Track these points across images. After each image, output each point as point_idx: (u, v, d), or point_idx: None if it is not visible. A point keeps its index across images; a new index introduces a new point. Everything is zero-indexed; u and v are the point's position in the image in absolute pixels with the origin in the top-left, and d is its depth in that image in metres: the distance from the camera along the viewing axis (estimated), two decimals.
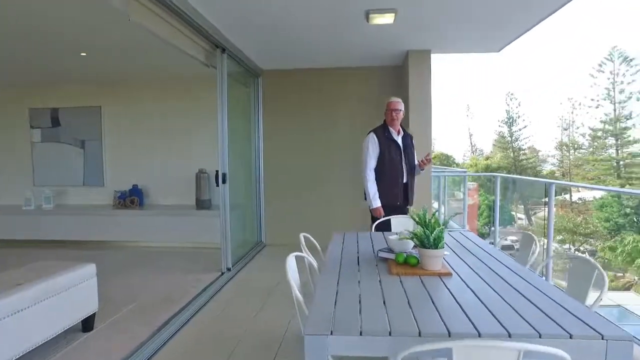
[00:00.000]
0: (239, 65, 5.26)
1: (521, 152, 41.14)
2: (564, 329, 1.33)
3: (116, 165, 6.81)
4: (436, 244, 1.99)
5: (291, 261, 2.06)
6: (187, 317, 3.40)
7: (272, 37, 4.56)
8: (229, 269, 4.74)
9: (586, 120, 36.27)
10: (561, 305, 1.57)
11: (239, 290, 4.26)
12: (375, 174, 3.75)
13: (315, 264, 2.36)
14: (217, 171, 4.64)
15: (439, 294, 1.76)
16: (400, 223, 3.41)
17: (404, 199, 3.81)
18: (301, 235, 2.59)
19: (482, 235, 6.99)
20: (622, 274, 19.10)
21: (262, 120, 6.23)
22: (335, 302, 1.65)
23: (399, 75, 5.83)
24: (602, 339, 1.29)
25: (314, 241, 2.76)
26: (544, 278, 2.10)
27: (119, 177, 6.77)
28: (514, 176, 31.10)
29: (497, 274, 2.04)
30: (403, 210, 3.78)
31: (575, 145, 36.83)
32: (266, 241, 6.34)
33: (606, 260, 19.26)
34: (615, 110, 33.11)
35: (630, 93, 32.79)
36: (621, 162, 32.67)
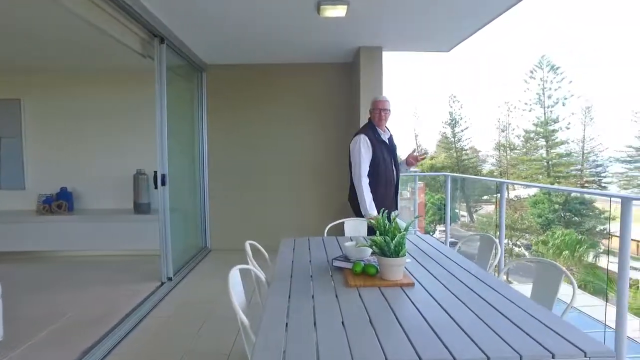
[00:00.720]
0: (180, 57, 4.86)
1: (463, 152, 43.14)
2: (546, 348, 1.19)
3: (40, 165, 6.09)
4: (397, 251, 1.81)
5: (234, 276, 1.79)
6: (118, 337, 3.00)
7: (217, 28, 4.24)
8: (169, 279, 4.35)
9: (520, 123, 38.59)
10: (537, 319, 1.44)
11: (181, 302, 3.90)
12: (369, 180, 3.39)
13: (263, 276, 2.11)
14: (155, 172, 4.23)
15: (404, 309, 1.58)
16: (354, 227, 3.24)
17: (394, 205, 3.52)
18: (247, 244, 2.32)
19: (428, 233, 7.03)
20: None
21: (206, 117, 5.85)
22: (287, 326, 1.41)
23: (350, 73, 5.70)
24: (585, 356, 1.17)
25: (262, 249, 2.50)
26: (504, 279, 2.00)
27: (43, 179, 6.05)
28: (467, 176, 32.36)
29: (461, 282, 1.90)
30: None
31: (511, 146, 39.13)
32: (211, 246, 5.96)
33: (540, 254, 20.53)
34: (545, 114, 35.58)
35: (557, 98, 35.46)
36: (550, 162, 35.22)
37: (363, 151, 3.38)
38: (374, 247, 1.85)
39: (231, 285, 1.69)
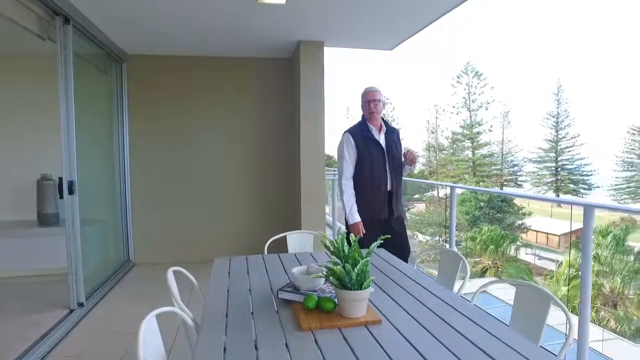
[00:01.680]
0: (93, 44, 4.18)
1: None
2: None
3: None
4: (360, 282, 1.47)
5: (149, 325, 1.35)
6: None
7: (139, 13, 3.65)
8: (80, 304, 3.68)
9: (449, 125, 40.70)
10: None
11: (94, 334, 3.27)
12: (354, 182, 3.06)
13: (190, 320, 1.66)
14: (60, 178, 3.55)
15: (372, 356, 1.24)
16: (298, 241, 2.87)
17: (388, 211, 3.07)
18: (169, 274, 1.85)
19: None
20: (479, 259, 21.65)
21: (127, 115, 5.15)
22: None
23: (289, 69, 5.32)
24: None
25: (189, 277, 2.05)
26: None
27: None
28: (419, 180, 33.31)
29: (434, 312, 1.61)
30: (389, 225, 3.02)
31: (440, 147, 41.13)
32: (135, 259, 5.28)
33: (468, 250, 21.64)
34: (470, 117, 37.85)
35: (481, 103, 37.93)
36: (475, 162, 37.57)
37: (345, 151, 3.05)
38: (331, 278, 1.50)
39: (141, 338, 1.24)
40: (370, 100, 3.08)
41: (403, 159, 3.17)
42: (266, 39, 4.55)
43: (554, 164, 39.52)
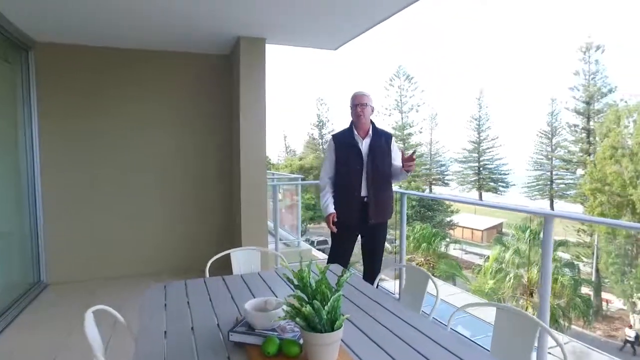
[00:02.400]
0: None
1: None
2: None
3: None
4: (332, 321, 1.23)
5: None
6: None
7: None
8: None
9: (382, 126, 41.78)
10: None
11: None
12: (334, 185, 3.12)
13: None
14: None
15: None
16: (244, 260, 2.55)
17: (360, 218, 3.00)
18: (87, 317, 1.47)
19: (303, 234, 6.66)
20: (413, 256, 22.47)
21: (36, 112, 4.43)
22: None
23: (227, 66, 4.94)
24: None
25: (116, 315, 1.67)
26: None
27: None
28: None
29: (413, 348, 1.41)
30: (364, 233, 3.08)
31: None
32: (49, 279, 4.57)
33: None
34: (402, 118, 39.34)
35: (412, 105, 39.61)
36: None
37: (327, 154, 3.18)
38: (297, 320, 1.23)
39: None
40: (357, 104, 3.03)
41: (396, 164, 3.08)
42: (202, 33, 4.15)
43: (476, 164, 42.33)
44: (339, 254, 3.15)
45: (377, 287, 2.20)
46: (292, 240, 6.18)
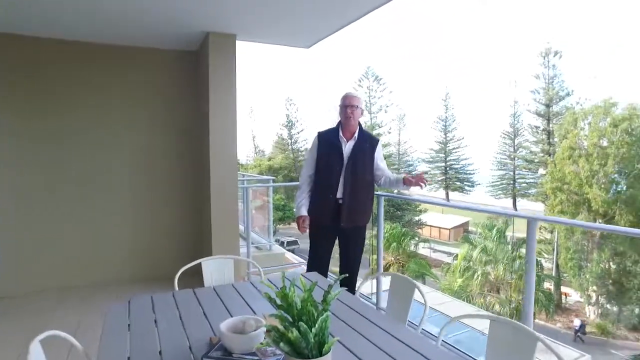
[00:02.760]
0: None
1: (300, 153, 45.00)
2: None
3: None
4: (321, 345, 1.10)
5: None
6: None
7: None
8: None
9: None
10: None
11: None
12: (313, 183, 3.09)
13: None
14: None
15: None
16: (216, 269, 2.38)
17: (333, 220, 2.97)
18: (32, 349, 1.28)
19: (274, 234, 6.50)
20: (383, 256, 22.65)
21: None
22: None
23: (195, 63, 4.70)
24: None
25: (72, 341, 1.48)
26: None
27: None
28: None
29: None
30: (339, 235, 3.06)
31: None
32: None
33: (373, 247, 22.47)
34: (371, 119, 39.69)
35: (380, 106, 40.07)
36: None
37: (309, 151, 3.17)
38: (282, 345, 1.10)
39: None
40: (347, 105, 2.97)
41: (379, 173, 3.05)
42: (169, 28, 3.92)
43: (443, 164, 43.32)
44: (316, 255, 3.14)
45: (355, 294, 2.09)
46: (264, 244, 6.01)
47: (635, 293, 18.16)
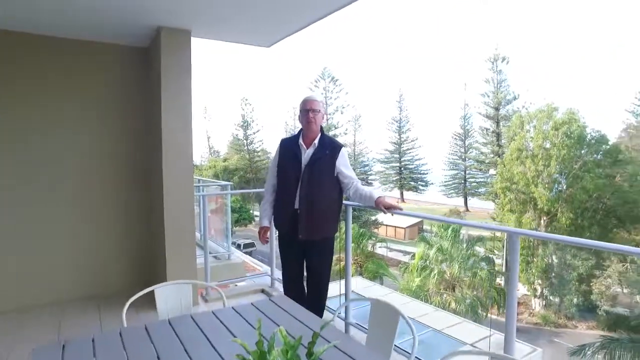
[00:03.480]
0: None
1: (255, 153, 44.36)
2: None
3: None
4: None
5: None
6: None
7: None
8: None
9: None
10: None
11: None
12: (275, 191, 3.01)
13: None
14: None
15: None
16: (170, 297, 2.08)
17: (292, 231, 2.84)
18: None
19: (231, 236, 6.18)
20: (339, 256, 22.72)
21: None
22: None
23: (146, 60, 4.29)
24: None
25: None
26: None
27: None
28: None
29: None
30: (303, 247, 2.90)
31: None
32: None
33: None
34: (327, 120, 39.80)
35: (337, 107, 40.29)
36: None
37: (273, 159, 3.06)
38: None
39: None
40: (309, 109, 2.84)
41: (348, 182, 2.89)
42: (116, 20, 3.52)
43: (398, 164, 44.32)
44: (286, 268, 3.08)
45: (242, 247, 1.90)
46: (222, 253, 5.68)
47: (574, 284, 19.38)
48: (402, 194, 45.06)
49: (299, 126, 3.00)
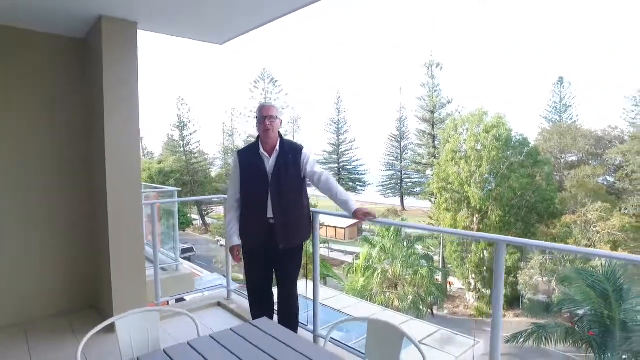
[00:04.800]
0: None
1: (192, 155, 42.71)
2: None
3: None
4: None
5: None
6: None
7: None
8: None
9: (247, 129, 41.31)
10: None
11: None
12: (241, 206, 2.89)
13: None
14: None
15: None
16: (134, 328, 1.79)
17: (268, 243, 2.76)
18: None
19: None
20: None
21: None
22: None
23: (84, 53, 3.81)
24: None
25: None
26: None
27: None
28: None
29: None
30: (274, 258, 2.83)
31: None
32: None
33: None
34: (281, 124, 39.39)
35: (280, 108, 39.96)
36: None
37: (232, 172, 2.99)
38: None
39: None
40: (265, 116, 2.76)
41: (317, 177, 2.84)
42: (48, 4, 3.06)
43: (336, 165, 44.94)
44: (256, 284, 2.96)
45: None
46: (170, 264, 5.26)
47: (503, 276, 20.81)
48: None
49: (237, 127, 2.93)
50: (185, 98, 48.75)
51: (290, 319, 2.93)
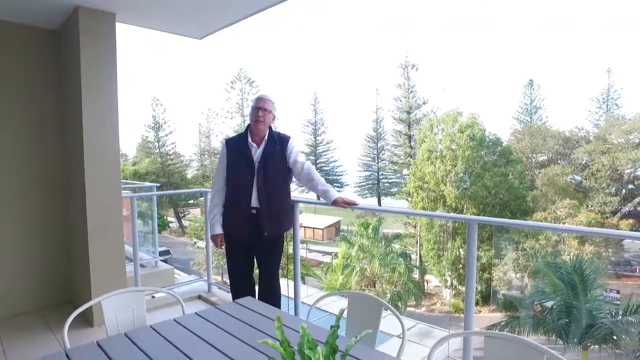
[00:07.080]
0: None
1: (168, 157, 42.00)
2: None
3: None
4: None
5: None
6: None
7: None
8: None
9: (223, 130, 40.92)
10: None
11: None
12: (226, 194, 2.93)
13: None
14: None
15: None
16: (121, 309, 1.82)
17: (251, 232, 2.81)
18: None
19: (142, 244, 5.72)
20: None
21: None
22: None
23: (57, 46, 3.77)
24: None
25: None
26: None
27: None
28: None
29: None
30: (256, 247, 2.92)
31: (215, 152, 41.02)
32: None
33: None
34: (243, 122, 39.11)
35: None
36: None
37: (219, 160, 2.99)
38: None
39: None
40: (260, 107, 2.81)
41: (299, 167, 2.90)
42: None
43: (314, 166, 45.02)
44: (236, 272, 3.02)
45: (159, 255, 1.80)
46: (148, 260, 5.22)
47: (478, 273, 21.36)
48: (318, 195, 45.85)
49: (214, 128, 3.01)
50: (160, 98, 47.87)
51: (273, 298, 2.99)
